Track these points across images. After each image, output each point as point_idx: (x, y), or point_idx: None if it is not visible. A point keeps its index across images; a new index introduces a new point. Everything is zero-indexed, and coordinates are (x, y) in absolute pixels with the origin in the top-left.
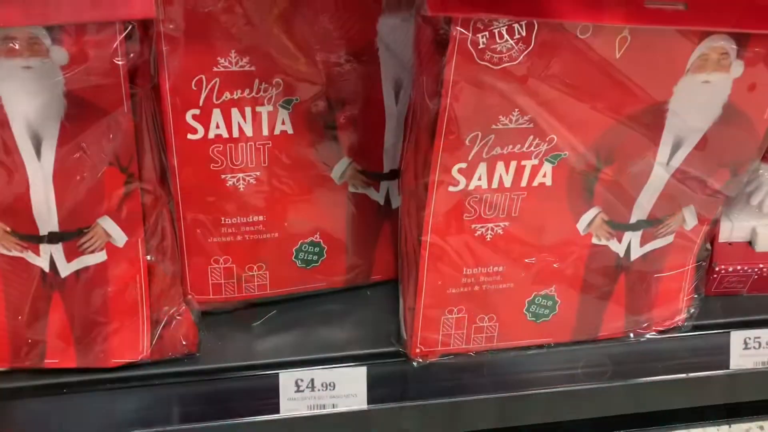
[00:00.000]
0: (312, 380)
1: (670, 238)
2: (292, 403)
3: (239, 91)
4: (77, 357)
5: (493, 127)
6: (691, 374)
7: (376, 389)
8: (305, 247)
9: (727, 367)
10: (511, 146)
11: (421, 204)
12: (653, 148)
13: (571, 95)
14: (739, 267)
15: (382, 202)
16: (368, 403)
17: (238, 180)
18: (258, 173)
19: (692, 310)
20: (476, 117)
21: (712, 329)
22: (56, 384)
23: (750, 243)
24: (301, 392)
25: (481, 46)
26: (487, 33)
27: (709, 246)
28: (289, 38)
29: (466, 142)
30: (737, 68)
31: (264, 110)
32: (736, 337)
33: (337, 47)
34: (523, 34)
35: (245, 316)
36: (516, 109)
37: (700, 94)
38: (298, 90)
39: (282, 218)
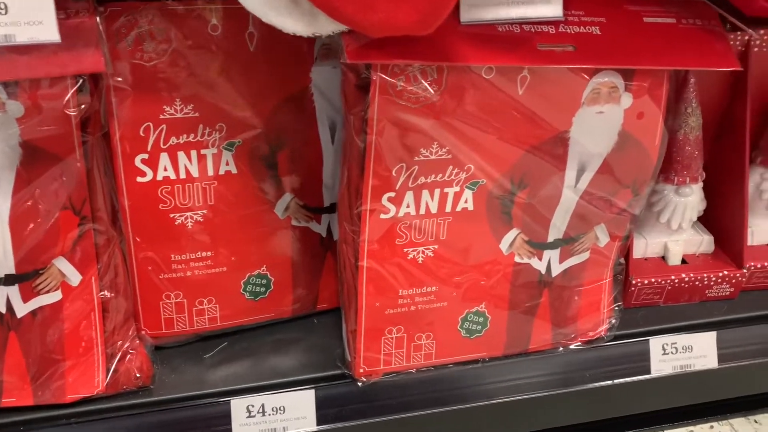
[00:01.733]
0: (263, 405)
1: (586, 255)
2: (245, 429)
3: (185, 136)
4: (33, 394)
5: (416, 159)
6: (617, 381)
7: (324, 410)
8: (253, 279)
9: (649, 372)
10: (433, 176)
11: (356, 232)
12: (560, 173)
13: (483, 129)
14: (653, 279)
15: (324, 234)
16: (317, 424)
17: (186, 218)
18: (205, 211)
19: (614, 321)
20: (400, 150)
21: (633, 338)
22: (13, 422)
23: (663, 258)
24: (252, 417)
25: (399, 88)
26: (403, 77)
27: (623, 260)
28: (229, 87)
29: (393, 173)
30: (626, 100)
31: (209, 152)
32: (655, 343)
33: (274, 93)
34: (435, 76)
35: (197, 349)
36: (435, 143)
37: (596, 124)
38: (240, 133)
39: (229, 253)
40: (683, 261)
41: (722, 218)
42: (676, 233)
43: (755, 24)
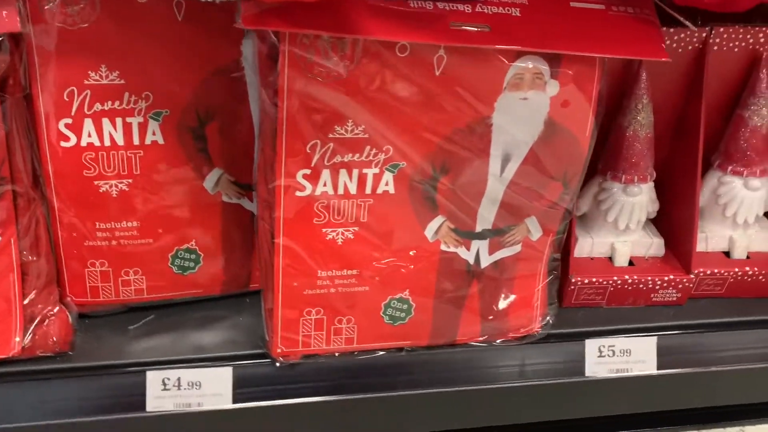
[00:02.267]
0: (179, 379)
1: (517, 248)
2: (159, 401)
3: (110, 103)
4: None
5: (331, 136)
6: (547, 380)
7: (241, 389)
8: (181, 254)
9: (583, 375)
10: (350, 155)
11: (271, 208)
12: (484, 160)
13: (400, 110)
14: (594, 279)
15: (255, 212)
16: (233, 402)
17: (111, 186)
18: (130, 180)
19: (549, 319)
20: (313, 126)
21: (568, 338)
22: None
23: (610, 258)
24: (167, 390)
25: (310, 60)
26: (313, 49)
27: (558, 256)
28: (157, 56)
29: (307, 149)
30: (552, 87)
31: (134, 121)
32: (591, 345)
33: (203, 65)
34: (346, 51)
35: (125, 320)
36: (350, 120)
37: (520, 110)
38: (167, 103)
39: (156, 225)
40: (630, 263)
41: (674, 221)
42: (624, 233)
43: (718, 21)
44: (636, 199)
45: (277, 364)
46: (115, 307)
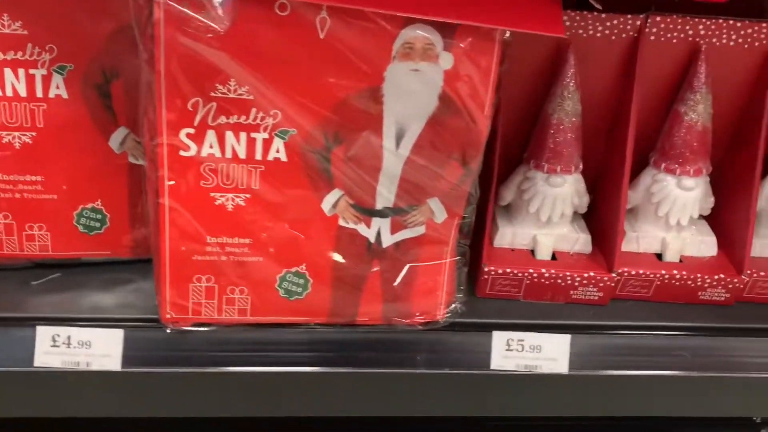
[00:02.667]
0: (69, 337)
1: (421, 230)
2: (47, 357)
3: (12, 53)
4: None
5: (212, 94)
6: (449, 370)
7: (131, 352)
8: (86, 213)
9: (488, 367)
10: (236, 117)
11: (156, 167)
12: (378, 133)
13: (286, 72)
14: (509, 270)
15: None
16: (122, 365)
17: (13, 138)
18: (33, 134)
19: (458, 307)
20: (192, 83)
21: (475, 328)
22: None
23: (533, 251)
24: (56, 347)
25: (186, 14)
26: (189, 2)
27: (466, 242)
28: (61, 8)
29: (188, 107)
30: (446, 60)
31: (38, 73)
32: (499, 337)
33: (109, 19)
34: (224, 6)
35: (29, 275)
36: (231, 80)
37: (411, 82)
38: (72, 58)
39: (60, 181)
40: (554, 257)
41: (602, 218)
42: (547, 226)
43: (653, 9)
44: (559, 191)
45: (168, 331)
46: (20, 261)
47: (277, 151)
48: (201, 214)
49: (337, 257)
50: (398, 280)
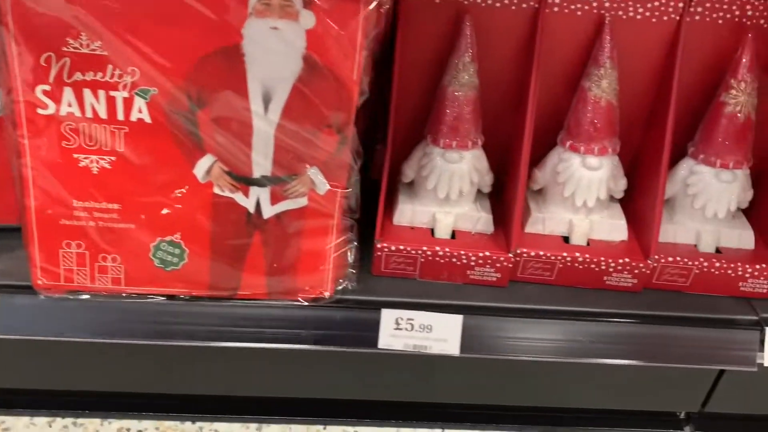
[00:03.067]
0: None
1: (303, 201)
2: None
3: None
4: None
5: (65, 49)
6: (335, 347)
7: (5, 321)
8: None
9: (375, 346)
10: (92, 73)
11: (15, 125)
12: (243, 96)
13: (138, 26)
14: (402, 248)
15: None
16: None
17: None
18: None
19: (347, 283)
20: (43, 37)
21: (363, 305)
22: None
23: (432, 230)
24: None
25: None
26: None
27: (351, 217)
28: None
29: (41, 62)
30: (307, 18)
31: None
32: (388, 315)
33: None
34: None
35: None
36: (83, 34)
37: (271, 41)
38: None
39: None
40: (453, 236)
41: (504, 198)
42: (447, 204)
43: None
44: (456, 167)
45: (42, 297)
46: None
47: (140, 112)
48: (65, 177)
49: (215, 227)
50: (282, 253)
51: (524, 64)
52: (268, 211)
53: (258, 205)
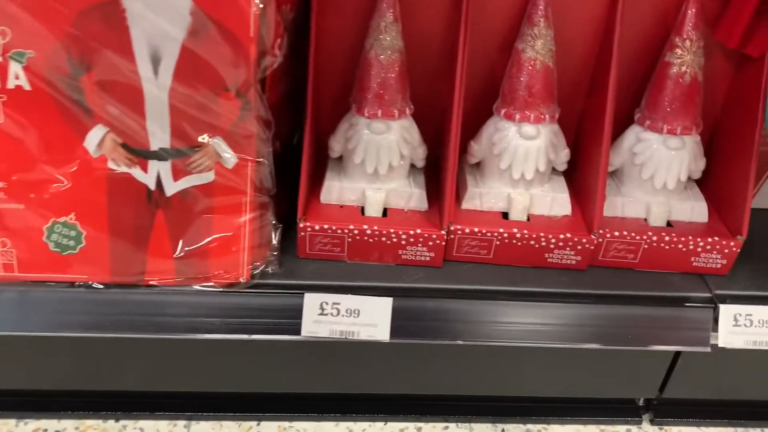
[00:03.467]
0: None
1: (210, 176)
2: None
3: None
4: None
5: None
6: (256, 336)
7: None
8: None
9: (298, 333)
10: None
11: None
12: (128, 57)
13: None
14: (326, 227)
15: None
16: None
17: None
18: None
19: (267, 267)
20: None
21: (285, 289)
22: None
23: (363, 208)
24: None
25: None
26: None
27: (268, 193)
28: None
29: None
30: None
31: None
32: (312, 300)
33: None
34: None
35: None
36: None
37: None
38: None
39: None
40: (386, 214)
41: (438, 172)
42: (377, 179)
43: None
44: (383, 138)
45: None
46: None
47: (17, 78)
48: None
49: (113, 206)
50: (190, 234)
51: (453, 24)
52: (171, 187)
53: (159, 181)
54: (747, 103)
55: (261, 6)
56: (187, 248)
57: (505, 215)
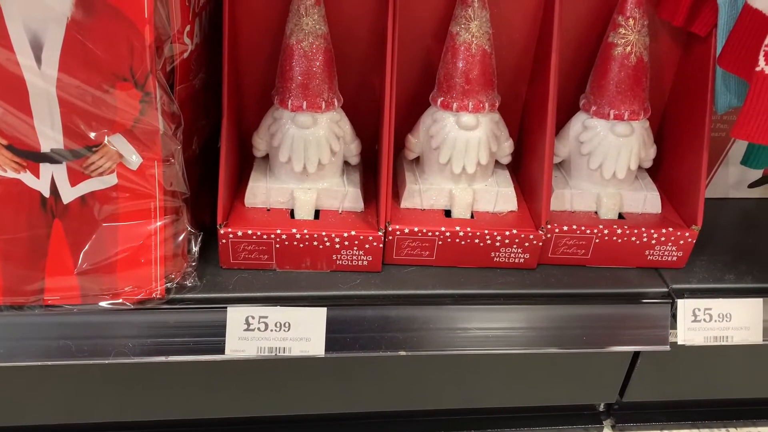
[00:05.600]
0: None
1: (112, 179)
2: None
3: None
4: None
5: None
6: (175, 357)
7: None
8: None
9: (222, 352)
10: None
11: None
12: (4, 44)
13: None
14: (251, 232)
15: None
16: None
17: None
18: None
19: (180, 279)
20: None
21: (207, 304)
22: None
23: (292, 211)
24: None
25: None
26: None
27: (179, 199)
28: None
29: None
30: None
31: None
32: (236, 314)
33: None
34: None
35: None
36: None
37: None
38: None
39: None
40: (318, 216)
41: (378, 171)
42: (306, 178)
43: None
44: (309, 133)
45: None
46: None
47: None
48: None
49: (2, 217)
50: (93, 246)
51: (382, 7)
52: (69, 193)
53: (54, 187)
54: (696, 87)
55: None
56: (90, 262)
57: (448, 213)
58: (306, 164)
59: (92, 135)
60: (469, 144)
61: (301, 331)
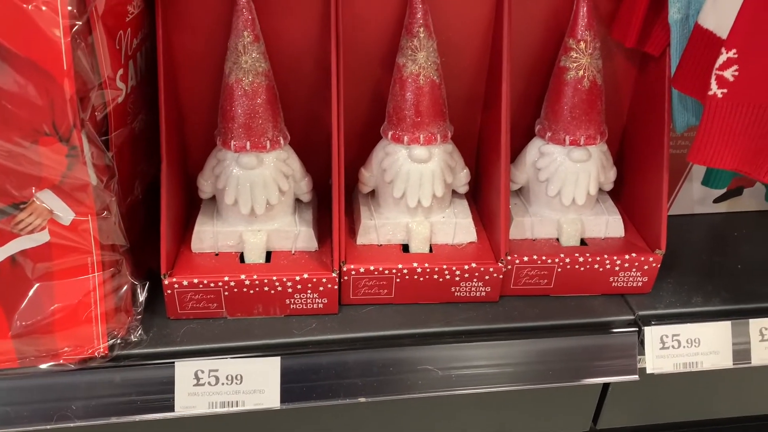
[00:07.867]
0: None
1: (44, 236)
2: None
3: None
4: None
5: None
6: (122, 418)
7: None
8: None
9: (172, 410)
10: None
11: None
12: None
13: None
14: (197, 281)
15: None
16: None
17: None
18: None
19: (124, 334)
20: None
21: (153, 360)
22: None
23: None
24: None
25: None
26: None
27: (117, 252)
28: None
29: None
30: None
31: None
32: (185, 369)
33: None
34: None
35: None
36: None
37: None
38: None
39: None
40: (269, 259)
41: (331, 209)
42: (254, 220)
43: None
44: (255, 174)
45: None
46: None
47: None
48: None
49: None
50: (27, 306)
51: (325, 38)
52: None
53: None
54: (653, 106)
55: (76, 36)
56: (25, 323)
57: (406, 248)
58: (254, 206)
59: (18, 192)
60: (423, 177)
61: (254, 384)
